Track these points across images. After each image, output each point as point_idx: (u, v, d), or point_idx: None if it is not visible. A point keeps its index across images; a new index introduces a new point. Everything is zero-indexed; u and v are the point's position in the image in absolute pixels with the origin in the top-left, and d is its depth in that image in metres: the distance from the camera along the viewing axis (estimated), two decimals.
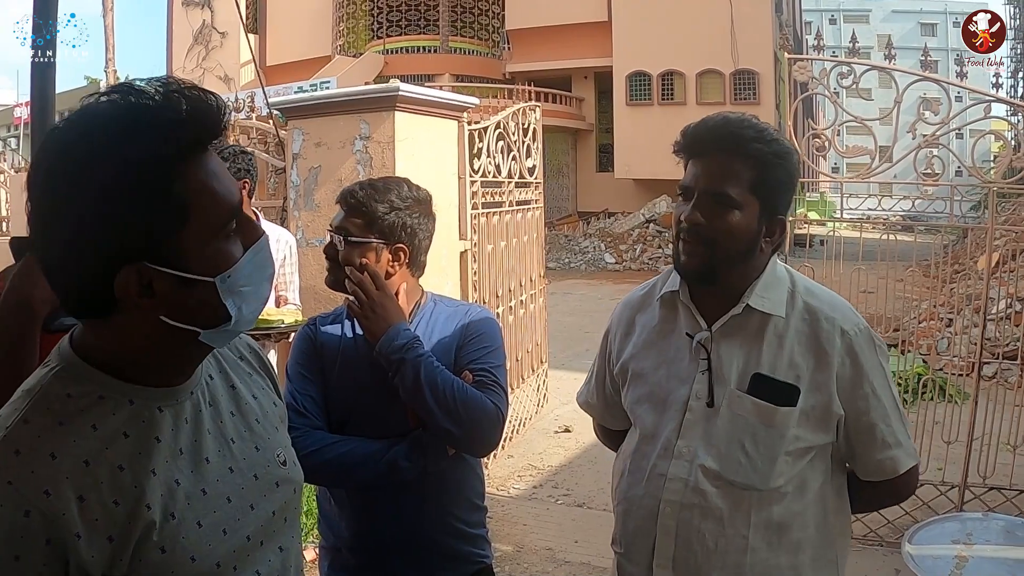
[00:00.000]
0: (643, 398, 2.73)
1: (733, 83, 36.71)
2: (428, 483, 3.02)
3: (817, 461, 2.57)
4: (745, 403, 2.52)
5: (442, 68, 41.66)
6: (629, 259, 31.37)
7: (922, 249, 8.16)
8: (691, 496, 2.53)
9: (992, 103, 6.39)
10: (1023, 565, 4.51)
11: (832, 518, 2.62)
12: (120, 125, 1.48)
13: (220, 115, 1.58)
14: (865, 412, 2.53)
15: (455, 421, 2.87)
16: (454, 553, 3.13)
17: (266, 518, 1.79)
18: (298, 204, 7.11)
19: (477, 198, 7.88)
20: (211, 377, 1.81)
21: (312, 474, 2.86)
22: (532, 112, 9.49)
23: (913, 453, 2.63)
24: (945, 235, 11.21)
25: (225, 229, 1.58)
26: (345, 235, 3.01)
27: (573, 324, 17.47)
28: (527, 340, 9.52)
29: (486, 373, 3.05)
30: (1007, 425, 6.68)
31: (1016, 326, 9.59)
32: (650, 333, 2.78)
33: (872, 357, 2.55)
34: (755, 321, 2.57)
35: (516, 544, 6.62)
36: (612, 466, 2.95)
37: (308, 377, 3.06)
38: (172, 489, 1.60)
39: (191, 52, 45.71)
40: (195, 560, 1.60)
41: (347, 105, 6.92)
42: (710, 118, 2.59)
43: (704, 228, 2.47)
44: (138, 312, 1.54)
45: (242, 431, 1.82)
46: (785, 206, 2.60)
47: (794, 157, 2.58)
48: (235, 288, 1.59)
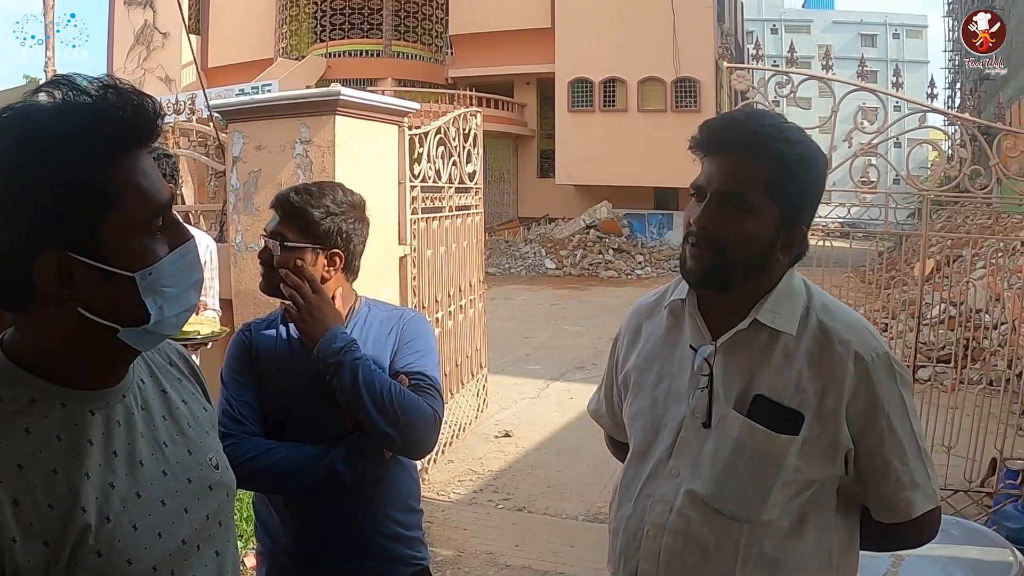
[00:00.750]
0: (640, 412, 2.55)
1: (674, 91, 36.95)
2: (366, 486, 3.02)
3: (821, 496, 2.34)
4: (742, 426, 2.30)
5: (385, 72, 41.52)
6: (569, 264, 31.42)
7: (859, 255, 8.27)
8: (675, 521, 2.35)
9: (927, 113, 6.49)
10: (957, 563, 4.57)
11: (836, 559, 2.38)
12: (53, 115, 1.49)
13: (155, 117, 1.58)
14: (879, 447, 2.28)
15: (393, 424, 2.86)
16: (392, 555, 3.13)
17: (200, 522, 1.78)
18: (238, 208, 7.05)
19: (417, 203, 7.87)
20: (143, 381, 1.80)
21: (250, 480, 2.86)
22: (473, 117, 9.49)
23: (933, 496, 2.35)
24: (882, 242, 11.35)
25: (150, 226, 1.58)
26: (280, 240, 2.99)
27: (513, 329, 17.50)
28: (466, 345, 9.51)
29: (422, 377, 3.07)
30: (941, 427, 6.78)
31: (951, 331, 9.72)
32: (655, 343, 2.59)
33: (890, 387, 2.29)
34: (763, 338, 2.34)
35: (456, 549, 6.61)
36: None
37: (243, 383, 3.04)
38: (107, 492, 1.59)
39: (132, 52, 45.22)
40: (131, 563, 1.59)
41: (287, 108, 6.88)
42: (732, 113, 2.39)
43: (713, 232, 2.25)
44: (57, 303, 1.53)
45: (174, 435, 1.81)
46: (809, 214, 2.37)
47: (821, 161, 2.36)
48: (156, 287, 1.58)
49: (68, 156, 1.46)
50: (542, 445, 9.56)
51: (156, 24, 44.32)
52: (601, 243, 32.70)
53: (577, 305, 21.77)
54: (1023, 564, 4.43)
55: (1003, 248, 11.68)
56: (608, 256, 31.83)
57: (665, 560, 2.36)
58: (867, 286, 11.53)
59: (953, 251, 13.95)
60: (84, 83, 1.53)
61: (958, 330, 8.82)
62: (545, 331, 17.73)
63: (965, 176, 6.34)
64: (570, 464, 8.73)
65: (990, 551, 4.65)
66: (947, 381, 8.81)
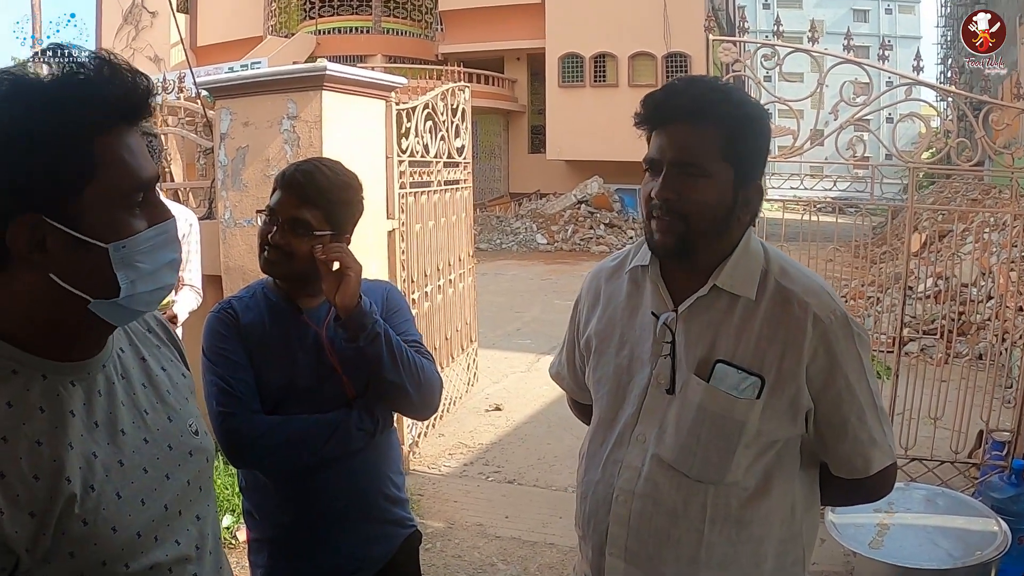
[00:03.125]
0: (604, 379, 2.58)
1: (665, 66, 36.78)
2: (372, 450, 3.08)
3: (784, 455, 2.39)
4: (704, 391, 2.33)
5: (375, 49, 41.32)
6: (561, 240, 31.37)
7: (850, 230, 8.29)
8: (644, 486, 2.40)
9: (914, 87, 6.50)
10: (943, 532, 4.62)
11: (800, 513, 2.45)
12: (44, 82, 1.52)
13: (146, 95, 1.62)
14: (837, 406, 2.33)
15: (416, 387, 2.97)
16: (390, 517, 3.21)
17: (182, 487, 1.82)
18: (226, 184, 7.05)
19: (405, 178, 7.87)
20: (122, 350, 1.83)
21: (267, 457, 2.93)
22: (461, 92, 9.48)
23: (889, 452, 2.42)
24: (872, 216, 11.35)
25: (129, 200, 1.61)
26: (306, 229, 2.96)
27: (504, 304, 17.52)
28: (456, 319, 9.56)
29: (418, 344, 3.14)
30: (928, 399, 6.82)
31: (941, 304, 9.76)
32: (616, 307, 2.61)
33: (848, 347, 2.32)
34: (723, 303, 2.37)
35: (447, 520, 6.66)
36: None
37: (237, 361, 3.01)
38: (90, 461, 1.61)
39: (121, 32, 44.92)
40: (116, 531, 1.62)
41: (274, 84, 6.87)
42: (673, 83, 2.38)
43: (676, 203, 2.27)
44: (29, 268, 1.55)
45: (154, 402, 1.84)
46: (760, 171, 2.39)
47: (765, 118, 2.39)
48: (129, 260, 1.60)
49: (53, 124, 1.48)
50: (532, 418, 9.60)
51: (144, 3, 44.02)
52: (592, 218, 32.66)
53: (568, 280, 21.72)
54: (1008, 533, 4.48)
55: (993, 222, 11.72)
56: (599, 231, 31.78)
57: (635, 523, 2.41)
58: (858, 260, 11.55)
59: (944, 226, 13.99)
60: (81, 55, 1.56)
61: (947, 304, 8.87)
62: (536, 306, 17.74)
63: (952, 149, 6.36)
64: (560, 437, 8.75)
65: (975, 521, 4.70)
66: (936, 354, 8.87)
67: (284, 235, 2.98)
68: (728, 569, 2.38)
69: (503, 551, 6.16)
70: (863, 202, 7.64)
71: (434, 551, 6.00)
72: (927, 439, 6.80)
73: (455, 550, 6.17)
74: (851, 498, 2.79)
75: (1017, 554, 4.99)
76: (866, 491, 2.54)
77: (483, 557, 5.95)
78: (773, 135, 2.46)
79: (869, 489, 2.51)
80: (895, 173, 7.94)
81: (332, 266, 2.88)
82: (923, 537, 4.57)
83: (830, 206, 7.64)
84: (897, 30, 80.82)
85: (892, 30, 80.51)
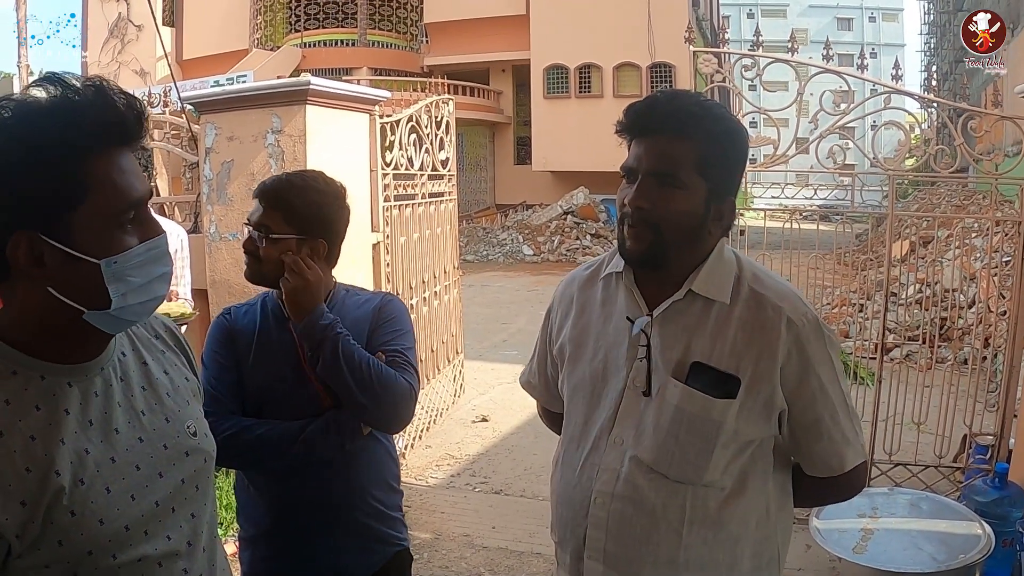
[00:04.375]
0: (580, 385, 2.62)
1: (650, 76, 36.86)
2: (346, 463, 3.10)
3: (758, 455, 2.44)
4: (681, 393, 2.37)
5: (360, 62, 41.36)
6: (547, 251, 31.34)
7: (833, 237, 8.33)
8: (623, 488, 2.43)
9: (893, 95, 6.54)
10: (926, 536, 4.65)
11: (774, 514, 2.50)
12: (40, 109, 1.60)
13: (138, 118, 1.70)
14: (811, 407, 2.39)
15: (371, 396, 2.96)
16: (373, 534, 3.21)
17: (175, 486, 1.90)
18: (211, 198, 7.07)
19: (389, 190, 7.89)
20: (123, 354, 1.91)
21: (231, 458, 3.00)
22: (445, 105, 9.50)
23: (861, 450, 2.49)
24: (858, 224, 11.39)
25: (120, 219, 1.69)
26: (265, 231, 3.06)
27: (491, 315, 17.52)
28: (442, 331, 9.55)
29: (398, 353, 3.14)
30: (913, 404, 6.86)
31: (926, 310, 9.80)
32: (590, 314, 2.65)
33: (820, 349, 2.39)
34: (697, 307, 2.42)
35: (434, 531, 6.67)
36: None
37: (224, 364, 3.13)
38: (82, 457, 1.70)
39: (107, 45, 44.83)
40: (103, 523, 1.70)
41: (258, 99, 6.90)
42: (655, 96, 2.43)
43: (649, 212, 2.32)
44: (29, 281, 1.65)
45: (152, 404, 1.92)
46: (734, 187, 2.45)
47: (742, 135, 2.45)
48: (121, 275, 1.69)
49: (48, 149, 1.58)
50: (519, 429, 9.59)
51: (130, 17, 43.89)
52: (578, 228, 32.64)
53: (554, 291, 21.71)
54: (991, 536, 4.51)
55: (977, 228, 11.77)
56: (586, 241, 31.76)
57: (614, 526, 2.44)
58: (843, 268, 11.60)
59: (928, 232, 14.05)
60: (74, 82, 1.65)
61: (932, 309, 8.92)
62: (522, 317, 17.72)
63: (932, 157, 6.41)
64: (546, 447, 8.71)
65: (959, 524, 4.74)
66: (920, 360, 8.90)
67: (251, 241, 3.09)
68: (706, 570, 2.42)
69: (490, 561, 6.17)
70: (846, 210, 7.69)
71: (421, 562, 6.02)
72: (911, 444, 6.83)
73: (442, 561, 6.19)
74: (824, 497, 2.89)
75: (1001, 557, 5.03)
76: (839, 489, 2.60)
77: (470, 568, 5.96)
78: (755, 144, 2.51)
79: (842, 487, 2.57)
80: (878, 180, 7.99)
81: None
82: (907, 541, 4.60)
83: (814, 214, 7.69)
84: (881, 38, 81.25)
85: (876, 38, 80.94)
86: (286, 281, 2.99)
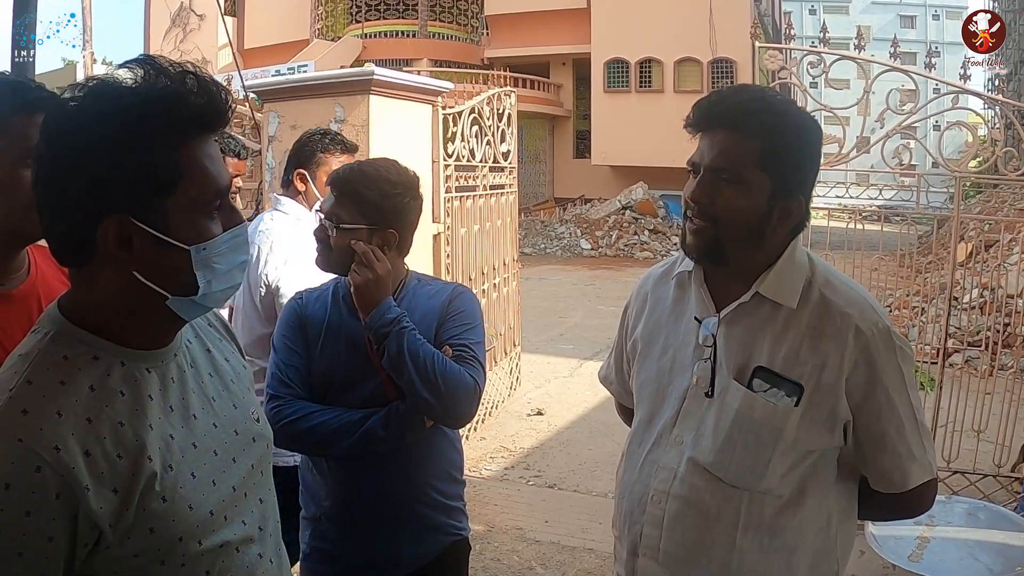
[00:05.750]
0: (647, 381, 2.61)
1: (711, 72, 36.63)
2: (408, 454, 3.10)
3: (821, 466, 2.39)
4: (743, 397, 2.35)
5: (420, 53, 41.43)
6: (605, 245, 31.31)
7: (895, 239, 8.23)
8: (679, 488, 2.41)
9: (960, 95, 6.46)
10: (983, 546, 4.59)
11: (835, 526, 2.43)
12: (136, 92, 1.61)
13: (226, 106, 1.71)
14: (876, 419, 2.32)
15: (434, 392, 2.95)
16: (431, 523, 3.21)
17: (246, 471, 1.92)
18: (274, 185, 7.10)
19: (451, 182, 7.92)
20: (190, 341, 1.92)
21: (293, 441, 3.02)
22: (507, 97, 9.50)
23: (929, 467, 2.39)
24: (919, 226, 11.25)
25: (208, 206, 1.70)
26: (336, 220, 3.07)
27: (548, 309, 17.53)
28: (500, 323, 9.57)
29: (465, 348, 3.14)
30: (972, 412, 6.77)
31: (987, 315, 9.68)
32: (662, 312, 2.64)
33: (890, 360, 2.31)
34: (764, 310, 2.38)
35: (487, 524, 6.70)
36: None
37: (293, 349, 3.16)
38: (167, 442, 1.71)
39: (169, 35, 45.23)
40: (192, 508, 1.71)
41: (322, 88, 6.91)
42: (722, 90, 2.43)
43: (708, 206, 2.32)
44: (114, 264, 1.64)
45: (220, 390, 1.94)
46: (805, 185, 2.39)
47: (812, 131, 2.38)
48: (208, 262, 1.70)
49: (144, 133, 1.59)
50: (574, 424, 9.62)
51: (192, 6, 44.32)
52: (637, 224, 32.56)
53: (612, 286, 21.69)
54: None
55: None
56: (644, 237, 31.68)
57: (669, 525, 2.43)
58: (904, 270, 11.47)
59: (990, 236, 13.86)
60: (167, 66, 1.65)
61: (993, 315, 8.79)
62: (579, 311, 17.73)
63: (999, 159, 6.32)
64: (601, 443, 8.77)
65: (1016, 536, 4.68)
66: (980, 366, 8.79)
67: (322, 229, 3.11)
68: None
69: (542, 555, 6.17)
70: (909, 211, 7.60)
71: (473, 554, 5.97)
72: (970, 452, 6.73)
73: (494, 553, 6.21)
74: (889, 513, 2.80)
75: None
76: (904, 506, 2.53)
77: (522, 561, 5.96)
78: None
79: (907, 504, 2.50)
80: (941, 182, 7.90)
81: None
82: (963, 551, 4.55)
83: (875, 214, 7.60)
84: (944, 36, 80.00)
85: (939, 36, 79.73)
86: (354, 274, 3.01)
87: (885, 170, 6.62)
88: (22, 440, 1.50)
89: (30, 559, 1.49)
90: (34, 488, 1.48)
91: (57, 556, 1.52)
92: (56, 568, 1.53)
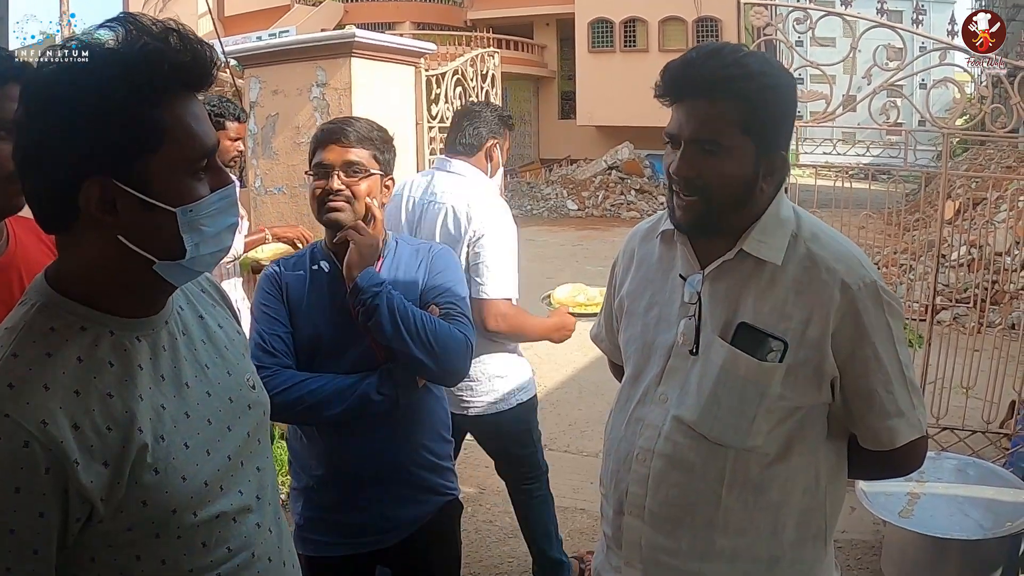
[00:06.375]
0: (632, 338, 2.58)
1: (696, 30, 36.50)
2: (399, 415, 3.11)
3: (808, 423, 2.34)
4: (726, 353, 2.30)
5: (402, 16, 41.21)
6: (591, 206, 31.25)
7: (883, 197, 8.22)
8: (663, 446, 2.38)
9: (948, 51, 6.43)
10: (973, 502, 4.60)
11: (824, 484, 2.40)
12: (115, 50, 1.57)
13: (211, 64, 1.67)
14: (863, 376, 2.27)
15: (428, 352, 2.98)
16: (425, 484, 3.24)
17: (242, 439, 1.90)
18: (256, 152, 7.07)
19: (435, 144, 7.87)
20: (181, 308, 1.89)
21: (286, 411, 2.99)
22: (491, 58, 9.43)
23: (918, 425, 2.33)
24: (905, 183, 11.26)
25: (195, 166, 1.66)
26: (356, 168, 3.08)
27: (535, 270, 17.44)
28: None
29: (452, 305, 3.17)
30: (960, 368, 6.78)
31: (974, 273, 9.70)
32: (648, 269, 2.60)
33: (877, 316, 2.26)
34: (748, 266, 2.33)
35: (478, 486, 6.72)
36: None
37: (275, 318, 3.14)
38: (159, 413, 1.68)
39: (148, 3, 44.91)
40: (186, 479, 1.70)
41: (303, 52, 6.88)
42: (690, 56, 2.29)
43: (696, 180, 2.24)
44: (99, 229, 1.60)
45: (214, 358, 1.91)
46: (784, 140, 2.33)
47: (789, 87, 2.31)
48: (195, 224, 1.66)
49: (125, 91, 1.54)
50: (563, 384, 9.64)
51: None
52: (623, 184, 32.50)
53: (599, 246, 21.66)
54: None
55: None
56: (630, 197, 31.62)
57: (654, 483, 2.40)
58: (891, 227, 11.48)
59: (977, 193, 13.86)
60: (149, 24, 1.61)
61: (980, 272, 8.80)
62: (567, 272, 17.66)
63: (987, 115, 6.29)
64: (591, 403, 8.78)
65: (1005, 491, 4.69)
66: (968, 323, 8.80)
67: (342, 181, 3.08)
68: (745, 535, 2.36)
69: None
70: (896, 168, 7.58)
71: (465, 516, 5.96)
72: (959, 409, 6.73)
73: (486, 515, 6.26)
74: (878, 471, 2.77)
75: None
76: (893, 464, 2.48)
77: (514, 522, 5.92)
78: (805, 100, 2.42)
79: (896, 462, 2.45)
80: (928, 139, 7.89)
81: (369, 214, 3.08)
82: (953, 507, 4.56)
83: (863, 172, 7.59)
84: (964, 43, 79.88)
85: None
86: (355, 234, 3.03)
87: (872, 127, 6.58)
88: (9, 415, 1.47)
89: (22, 536, 1.47)
90: (23, 464, 1.46)
91: (49, 532, 1.50)
92: (48, 544, 1.51)
